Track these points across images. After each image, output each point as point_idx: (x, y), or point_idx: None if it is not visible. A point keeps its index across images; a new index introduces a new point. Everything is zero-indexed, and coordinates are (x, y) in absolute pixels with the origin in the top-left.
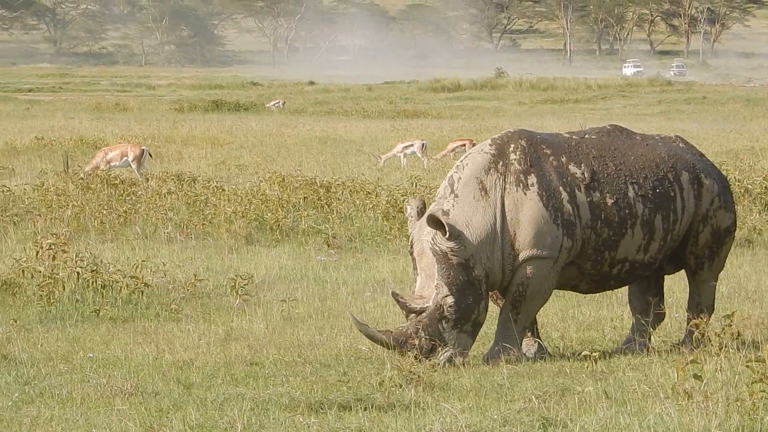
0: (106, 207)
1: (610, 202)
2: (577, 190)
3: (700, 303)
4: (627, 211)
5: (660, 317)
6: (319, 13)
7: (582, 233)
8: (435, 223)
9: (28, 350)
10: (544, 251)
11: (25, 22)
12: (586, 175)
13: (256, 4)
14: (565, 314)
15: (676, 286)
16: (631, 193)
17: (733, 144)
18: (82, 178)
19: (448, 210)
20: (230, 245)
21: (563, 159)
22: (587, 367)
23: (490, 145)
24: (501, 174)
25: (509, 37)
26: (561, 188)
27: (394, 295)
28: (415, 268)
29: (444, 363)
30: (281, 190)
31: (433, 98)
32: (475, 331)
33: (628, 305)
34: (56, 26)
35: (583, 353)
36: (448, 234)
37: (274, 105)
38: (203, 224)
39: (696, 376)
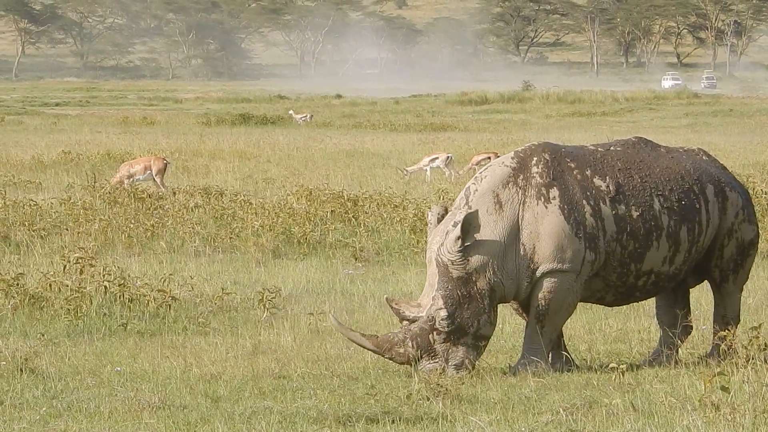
0: (133, 221)
1: (635, 214)
2: (601, 203)
3: (726, 315)
4: (653, 223)
5: (687, 330)
6: (346, 27)
7: (606, 246)
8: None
9: (56, 364)
10: (564, 265)
11: (52, 36)
12: (611, 187)
13: (284, 17)
14: (593, 327)
15: (704, 298)
16: (656, 206)
17: (760, 156)
18: (109, 193)
19: (459, 221)
20: (257, 259)
21: (588, 172)
22: (614, 380)
23: (512, 158)
24: (521, 188)
25: (536, 50)
26: (584, 201)
27: (389, 300)
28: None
29: (427, 373)
30: (308, 203)
31: (460, 111)
32: (478, 343)
33: (656, 318)
34: (83, 40)
35: (610, 365)
36: (459, 246)
37: (301, 118)
38: (230, 238)
39: (723, 388)
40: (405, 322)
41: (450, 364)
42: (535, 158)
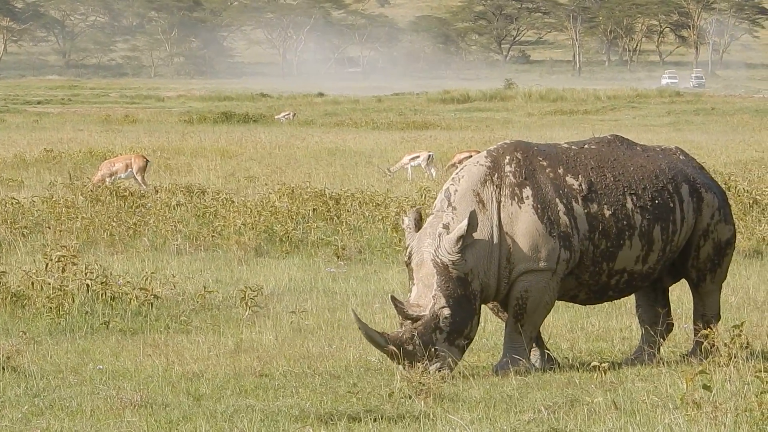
0: (115, 219)
1: (608, 213)
2: (574, 202)
3: (706, 314)
4: (625, 222)
5: (669, 328)
6: (329, 25)
7: (580, 244)
8: (455, 238)
9: (38, 362)
10: (540, 264)
11: (34, 34)
12: (583, 186)
13: (266, 15)
14: (574, 325)
15: (686, 296)
16: (629, 204)
17: (742, 155)
18: (91, 191)
19: (448, 223)
20: (239, 257)
21: (560, 170)
22: (596, 378)
23: (486, 157)
24: (497, 186)
25: (518, 49)
26: (557, 200)
27: (394, 299)
28: (411, 279)
29: (431, 372)
30: (290, 201)
31: (443, 110)
32: (466, 346)
33: (637, 317)
34: (65, 38)
35: (592, 364)
36: (460, 246)
37: (284, 117)
38: (212, 236)
39: (705, 387)
40: (407, 322)
41: (447, 363)
42: (507, 157)
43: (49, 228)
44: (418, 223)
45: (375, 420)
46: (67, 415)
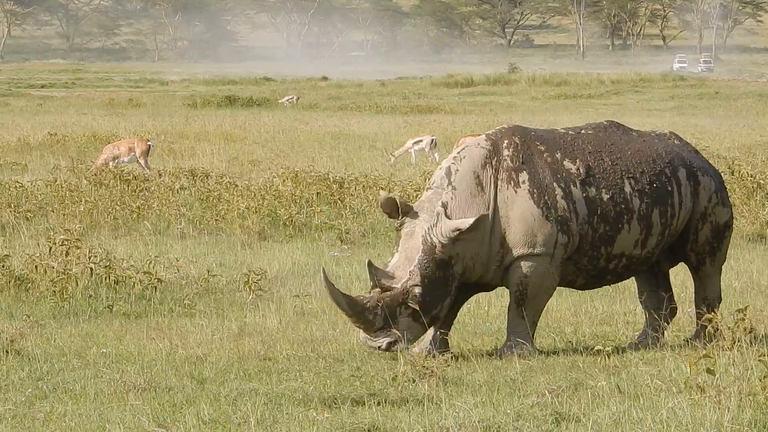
0: (119, 203)
1: (606, 197)
2: (572, 186)
3: (707, 297)
4: (623, 205)
5: (672, 312)
6: (332, 9)
7: (579, 228)
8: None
9: (42, 346)
10: (536, 249)
11: (38, 17)
12: (581, 170)
13: None
14: (578, 309)
15: (690, 281)
16: (627, 188)
17: (746, 139)
18: (95, 175)
19: (447, 202)
20: (243, 241)
21: (558, 155)
22: (600, 362)
23: (486, 140)
24: (495, 170)
25: (522, 33)
26: (555, 184)
27: (371, 265)
28: (396, 244)
29: (383, 346)
30: (294, 185)
31: (447, 94)
32: (431, 324)
33: (641, 303)
34: (69, 22)
35: (596, 348)
36: (456, 235)
37: (287, 100)
38: (216, 220)
39: (709, 371)
40: (377, 290)
41: (405, 338)
42: (506, 141)
43: (53, 212)
44: (402, 205)
45: (378, 404)
46: (71, 398)
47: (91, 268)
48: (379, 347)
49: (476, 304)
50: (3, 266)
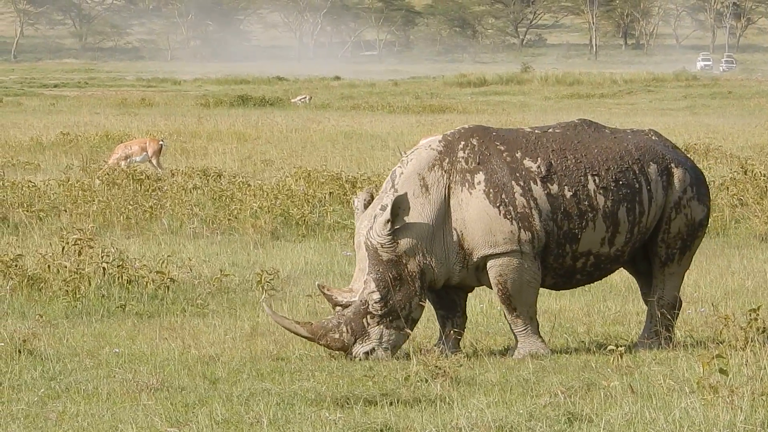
0: (131, 202)
1: (569, 194)
2: (532, 183)
3: (663, 297)
4: (587, 203)
5: (678, 307)
6: (345, 8)
7: (544, 224)
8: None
9: (54, 345)
10: (498, 248)
11: (51, 17)
12: (542, 168)
13: None
14: (591, 309)
15: (702, 280)
16: (591, 186)
17: (759, 139)
18: (107, 174)
19: (386, 205)
20: (256, 240)
21: (518, 154)
22: (613, 362)
23: (440, 141)
24: (446, 172)
25: (535, 32)
26: (513, 183)
27: (320, 287)
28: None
29: (361, 357)
30: (307, 185)
31: (459, 93)
32: (411, 326)
33: (646, 303)
34: (81, 21)
35: (608, 348)
36: (389, 229)
37: (300, 100)
38: (229, 219)
39: (721, 371)
40: (338, 308)
41: (383, 346)
42: (462, 143)
43: (66, 211)
44: (368, 204)
45: (391, 404)
46: (84, 398)
47: (104, 268)
48: (356, 357)
49: (489, 304)
50: (16, 266)
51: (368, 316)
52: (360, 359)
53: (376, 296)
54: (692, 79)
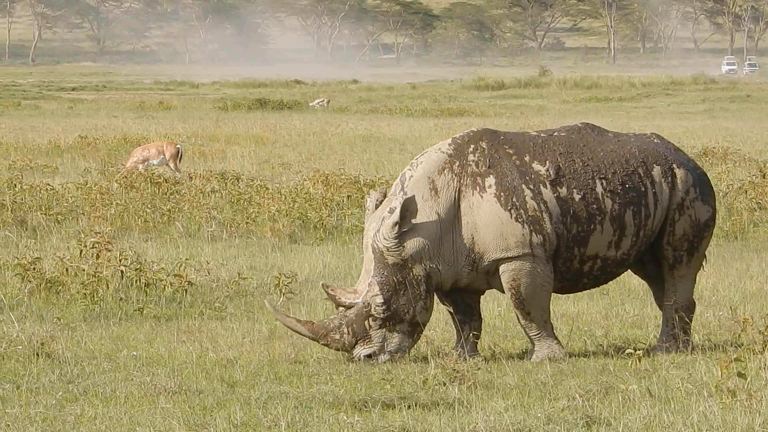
0: (149, 206)
1: (577, 197)
2: (542, 187)
3: (677, 300)
4: (595, 206)
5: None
6: (363, 12)
7: (555, 227)
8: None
9: (72, 349)
10: (510, 252)
11: (69, 20)
12: (551, 171)
13: (300, 2)
14: (609, 312)
15: (721, 284)
16: (599, 189)
17: None
18: (125, 177)
19: (395, 208)
20: (274, 244)
21: (527, 158)
22: (631, 365)
23: (450, 144)
24: (456, 175)
25: (553, 36)
26: (524, 186)
27: (324, 287)
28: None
29: (362, 359)
30: (325, 188)
31: (477, 97)
32: (415, 330)
33: (658, 306)
34: (99, 25)
35: (626, 351)
36: (396, 232)
37: (318, 103)
38: (247, 223)
39: (740, 375)
40: (341, 309)
41: (386, 350)
42: (472, 146)
43: (84, 214)
44: (379, 205)
45: (409, 407)
46: (101, 401)
47: (122, 271)
48: (357, 359)
49: (507, 308)
50: (34, 269)
51: (370, 319)
52: (360, 360)
53: (379, 299)
54: (711, 82)
